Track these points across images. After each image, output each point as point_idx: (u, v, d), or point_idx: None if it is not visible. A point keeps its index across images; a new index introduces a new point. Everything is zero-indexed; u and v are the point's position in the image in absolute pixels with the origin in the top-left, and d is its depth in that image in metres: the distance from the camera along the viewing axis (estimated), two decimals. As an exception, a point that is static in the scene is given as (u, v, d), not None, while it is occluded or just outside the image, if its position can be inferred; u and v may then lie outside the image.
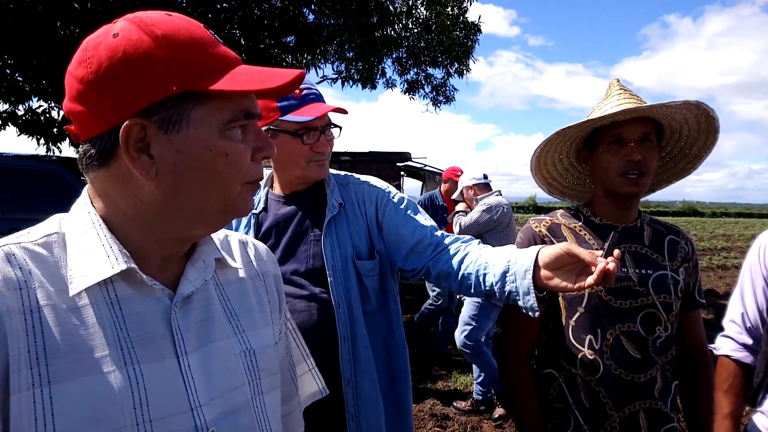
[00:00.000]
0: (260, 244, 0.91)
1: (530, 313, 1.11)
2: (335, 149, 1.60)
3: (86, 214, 0.67)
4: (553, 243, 1.20)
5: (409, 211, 1.44)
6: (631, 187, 1.24)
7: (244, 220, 1.47)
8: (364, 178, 1.51)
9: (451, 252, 1.33)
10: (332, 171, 1.50)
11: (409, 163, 10.81)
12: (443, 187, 4.90)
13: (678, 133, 1.32)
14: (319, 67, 9.90)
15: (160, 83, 0.61)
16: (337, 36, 7.43)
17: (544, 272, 1.08)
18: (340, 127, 1.45)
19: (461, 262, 1.29)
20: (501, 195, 3.85)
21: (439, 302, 4.72)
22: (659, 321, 1.26)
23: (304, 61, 8.82)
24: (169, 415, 0.64)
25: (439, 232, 1.40)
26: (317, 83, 6.27)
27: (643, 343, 1.24)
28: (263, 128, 1.39)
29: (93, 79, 0.61)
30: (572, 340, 1.27)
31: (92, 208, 0.67)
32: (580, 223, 1.34)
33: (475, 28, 9.54)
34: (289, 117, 1.34)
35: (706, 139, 1.30)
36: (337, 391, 1.35)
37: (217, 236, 0.82)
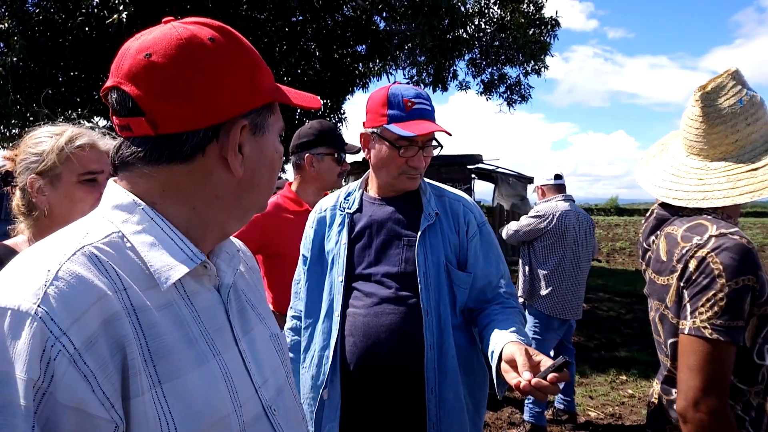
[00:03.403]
0: (238, 239, 0.92)
1: (497, 394, 1.23)
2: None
3: (136, 209, 0.65)
4: None
5: (491, 249, 1.45)
6: None
7: (338, 219, 1.49)
8: (459, 193, 1.51)
9: (492, 313, 1.37)
10: (428, 180, 1.50)
11: (480, 165, 10.60)
12: None
13: None
14: (390, 74, 10.01)
15: (265, 91, 0.69)
16: (408, 41, 7.46)
17: (503, 365, 1.15)
18: (441, 146, 1.44)
19: (487, 326, 1.33)
20: (567, 201, 3.39)
21: None
22: None
23: (376, 68, 8.95)
24: (248, 399, 0.68)
25: (503, 282, 1.44)
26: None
27: None
28: (369, 131, 1.42)
29: (204, 78, 0.63)
30: (756, 358, 1.17)
31: (143, 203, 0.65)
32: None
33: (552, 24, 9.19)
34: (393, 127, 1.34)
35: None
36: (420, 398, 1.33)
37: None
